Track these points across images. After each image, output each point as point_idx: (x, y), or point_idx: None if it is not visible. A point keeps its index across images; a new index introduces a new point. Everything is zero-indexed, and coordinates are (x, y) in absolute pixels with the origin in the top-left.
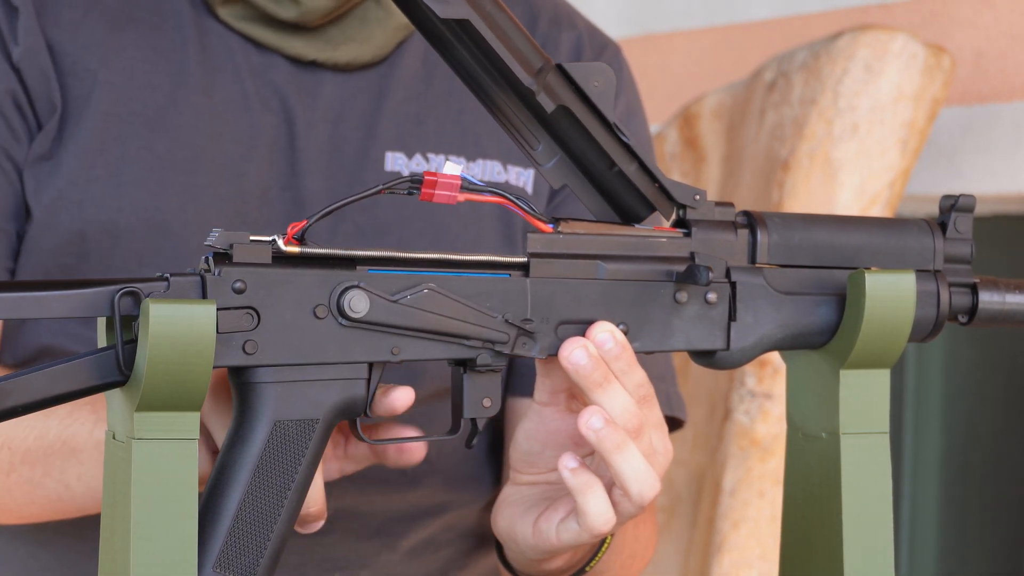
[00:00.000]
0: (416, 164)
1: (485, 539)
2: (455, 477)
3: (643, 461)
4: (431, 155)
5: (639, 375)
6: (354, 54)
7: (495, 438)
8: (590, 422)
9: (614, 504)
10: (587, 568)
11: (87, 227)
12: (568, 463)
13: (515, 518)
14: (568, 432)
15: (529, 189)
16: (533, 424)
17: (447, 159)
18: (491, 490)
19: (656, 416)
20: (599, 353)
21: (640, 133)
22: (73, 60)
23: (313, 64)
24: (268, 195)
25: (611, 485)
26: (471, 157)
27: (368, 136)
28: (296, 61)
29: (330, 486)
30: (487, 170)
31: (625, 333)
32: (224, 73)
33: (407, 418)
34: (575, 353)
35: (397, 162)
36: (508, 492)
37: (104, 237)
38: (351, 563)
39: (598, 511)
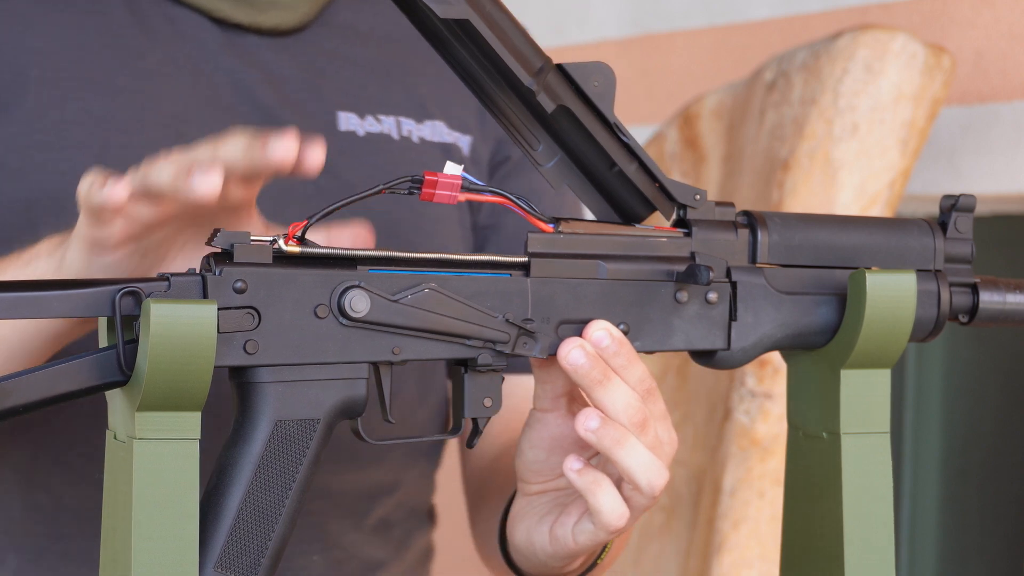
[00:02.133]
0: (369, 125)
1: (426, 518)
2: (410, 453)
3: (647, 452)
4: (382, 116)
5: (640, 369)
6: (279, 19)
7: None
8: (586, 424)
9: (626, 499)
10: (600, 558)
11: (31, 194)
12: (572, 465)
13: (531, 529)
14: (572, 436)
15: (466, 151)
16: (536, 432)
17: (398, 120)
18: (436, 470)
19: (660, 408)
20: (597, 351)
21: None
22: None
23: (240, 29)
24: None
25: (620, 481)
26: (419, 119)
27: (315, 98)
28: (225, 27)
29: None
30: (436, 131)
31: (626, 333)
32: (157, 35)
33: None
34: (573, 353)
35: (351, 122)
36: (520, 505)
37: (50, 203)
38: (326, 542)
39: (610, 508)
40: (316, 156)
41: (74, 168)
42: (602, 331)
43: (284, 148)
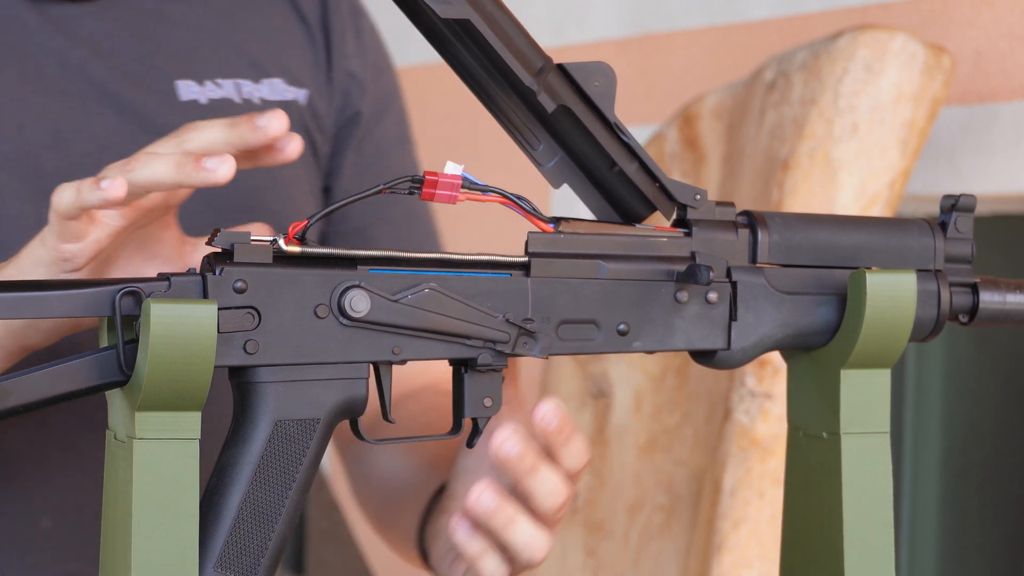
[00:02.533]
0: (210, 91)
1: None
2: None
3: (532, 529)
4: (220, 80)
5: (578, 444)
6: None
7: None
8: (480, 499)
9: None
10: None
11: None
12: (458, 530)
13: (440, 557)
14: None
15: (304, 105)
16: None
17: (236, 83)
18: None
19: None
20: (543, 431)
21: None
22: None
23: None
24: (60, 143)
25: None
26: (256, 78)
27: (150, 68)
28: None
29: None
30: (274, 89)
31: (626, 333)
32: None
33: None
34: (505, 446)
35: (191, 90)
36: (440, 524)
37: None
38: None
39: (490, 571)
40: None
41: None
42: (549, 407)
43: (278, 123)
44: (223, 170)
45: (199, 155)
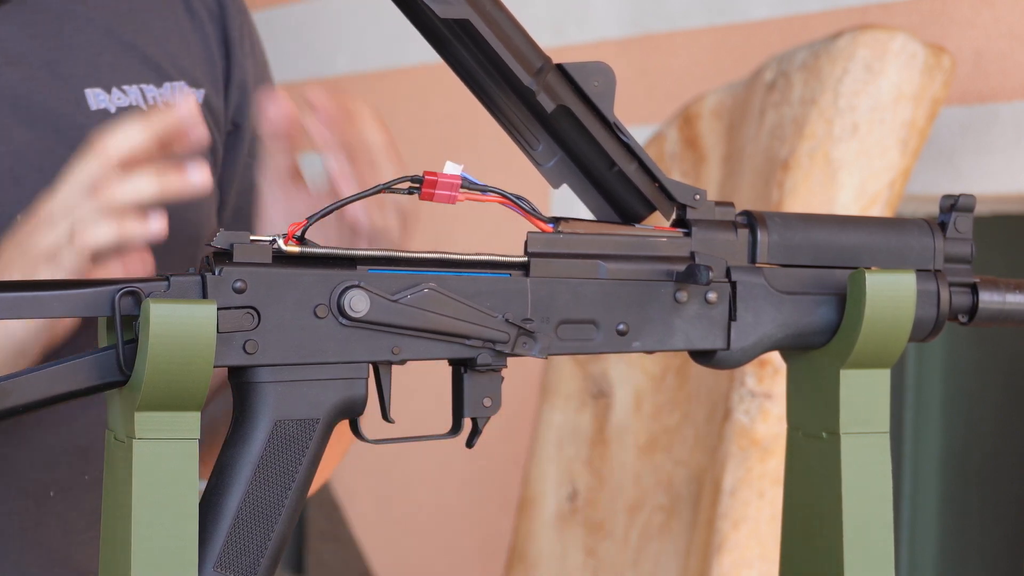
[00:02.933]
0: (118, 99)
1: None
2: None
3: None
4: (126, 87)
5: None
6: None
7: None
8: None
9: None
10: None
11: None
12: None
13: None
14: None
15: (204, 106)
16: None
17: (141, 88)
18: None
19: None
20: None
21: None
22: None
23: None
24: None
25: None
26: (159, 82)
27: (59, 76)
28: None
29: None
30: (179, 93)
31: (626, 333)
32: None
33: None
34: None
35: (100, 99)
36: None
37: None
38: None
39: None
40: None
41: None
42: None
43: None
44: (200, 180)
45: (178, 171)
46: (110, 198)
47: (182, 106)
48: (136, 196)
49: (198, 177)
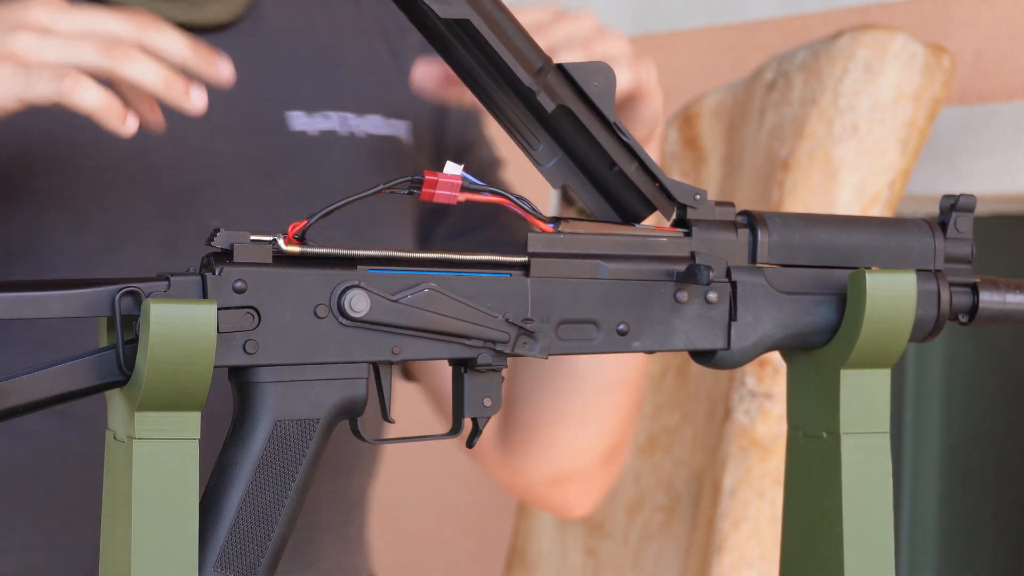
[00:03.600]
0: (319, 122)
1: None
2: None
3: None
4: (328, 112)
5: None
6: (217, 13)
7: None
8: None
9: None
10: None
11: None
12: None
13: None
14: None
15: (407, 138)
16: None
17: (342, 115)
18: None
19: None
20: None
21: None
22: None
23: (199, 28)
24: (182, 162)
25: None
26: (359, 112)
27: (261, 98)
28: (182, 24)
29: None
30: (374, 125)
31: (626, 333)
32: None
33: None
34: None
35: (300, 121)
36: None
37: None
38: (319, 558)
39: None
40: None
41: (39, 203)
42: None
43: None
44: (200, 104)
45: (187, 82)
46: (156, 39)
47: (224, 69)
48: (166, 48)
49: (199, 99)
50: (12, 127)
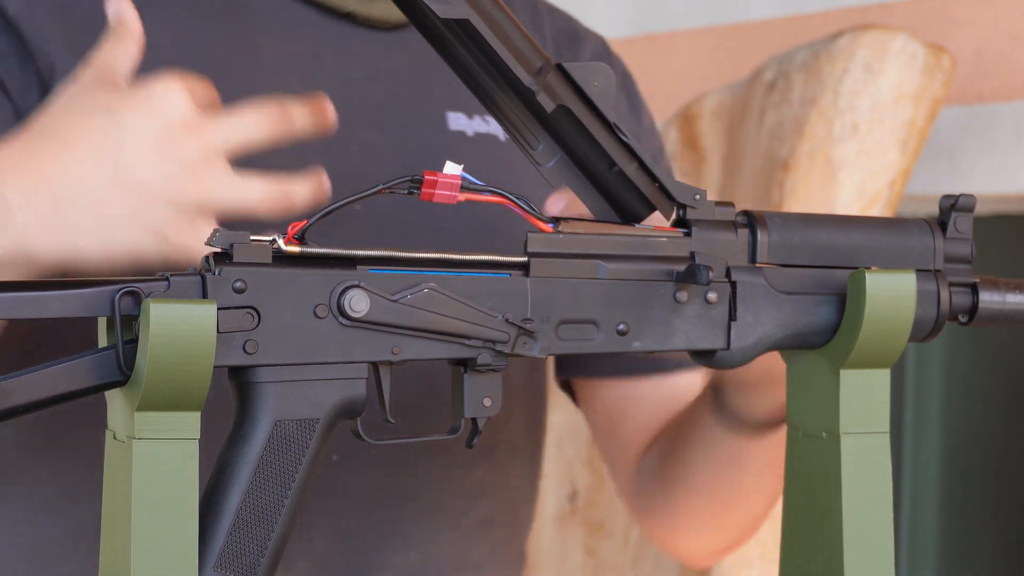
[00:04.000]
0: (478, 125)
1: (525, 524)
2: (512, 455)
3: None
4: (488, 117)
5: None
6: (385, 10)
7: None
8: None
9: None
10: None
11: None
12: None
13: None
14: None
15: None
16: None
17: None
18: (539, 473)
19: None
20: None
21: (651, 128)
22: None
23: (349, 20)
24: (331, 149)
25: None
26: None
27: (423, 97)
28: (332, 16)
29: (394, 462)
30: None
31: (626, 333)
32: (269, 33)
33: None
34: None
35: (459, 122)
36: None
37: None
38: (421, 539)
39: None
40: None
41: None
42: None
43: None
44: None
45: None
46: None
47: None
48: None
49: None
50: None
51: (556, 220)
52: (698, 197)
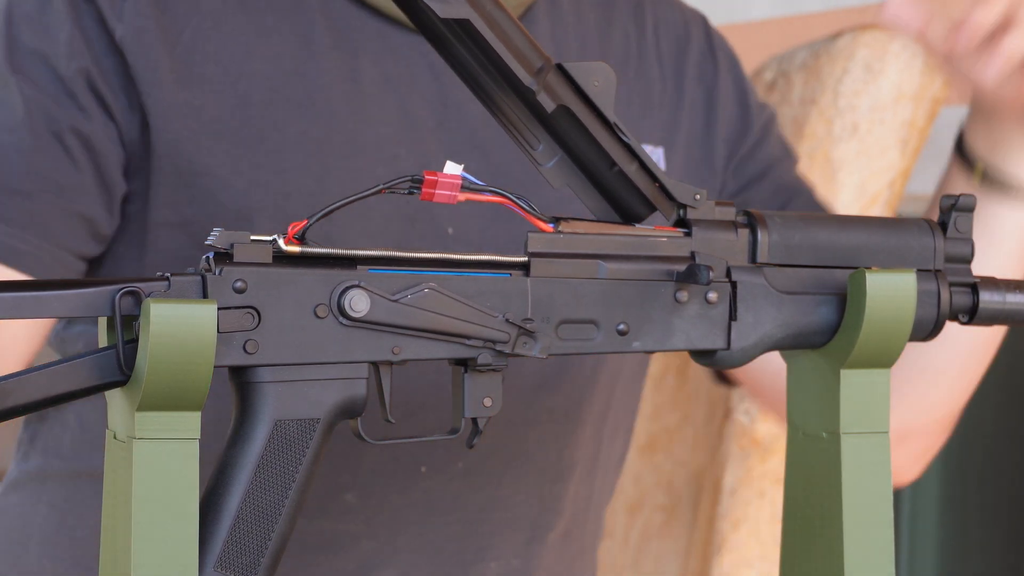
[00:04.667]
0: None
1: (599, 532)
2: (600, 465)
3: None
4: None
5: None
6: None
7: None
8: None
9: None
10: None
11: (253, 214)
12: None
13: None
14: None
15: (661, 165)
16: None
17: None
18: (618, 479)
19: None
20: None
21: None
22: (216, 47)
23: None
24: (397, 141)
25: None
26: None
27: None
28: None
29: (481, 475)
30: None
31: (626, 333)
32: (367, 56)
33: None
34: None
35: None
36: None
37: (270, 224)
38: (505, 551)
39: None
40: None
41: (298, 190)
42: None
43: None
44: None
45: None
46: None
47: None
48: None
49: None
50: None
51: (556, 220)
52: (698, 197)
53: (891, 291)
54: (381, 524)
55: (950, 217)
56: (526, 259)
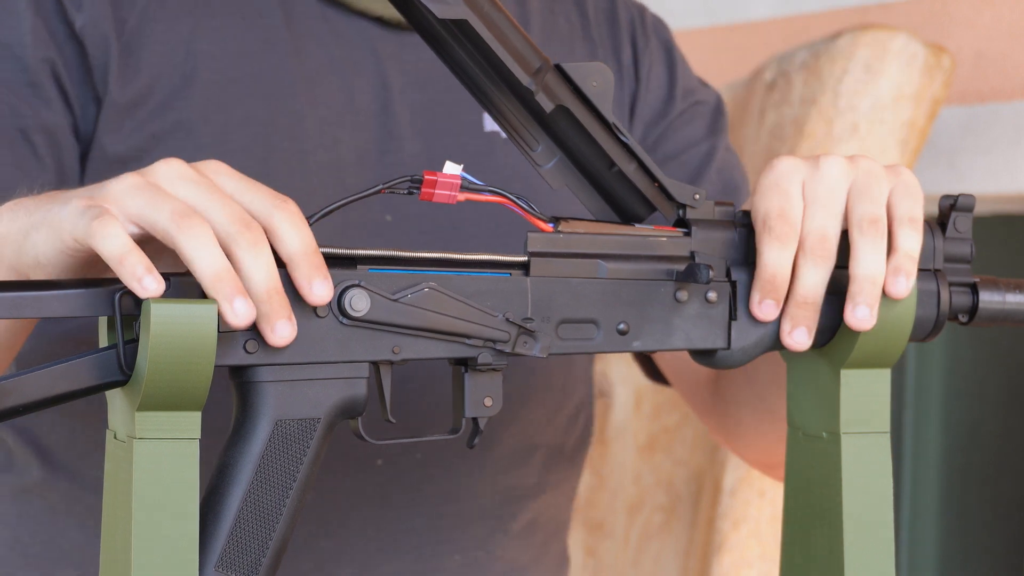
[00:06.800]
0: None
1: (564, 525)
2: (553, 457)
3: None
4: None
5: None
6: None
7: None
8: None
9: None
10: None
11: None
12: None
13: None
14: None
15: None
16: None
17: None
18: (579, 476)
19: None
20: None
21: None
22: (163, 28)
23: (386, 27)
24: (365, 161)
25: None
26: None
27: (458, 100)
28: (382, 24)
29: (438, 467)
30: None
31: (626, 332)
32: (312, 39)
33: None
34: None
35: (494, 123)
36: None
37: None
38: (466, 544)
39: None
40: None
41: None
42: None
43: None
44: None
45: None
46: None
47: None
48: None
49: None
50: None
51: (556, 220)
52: (698, 197)
53: None
54: (336, 522)
55: (950, 217)
56: (526, 259)
